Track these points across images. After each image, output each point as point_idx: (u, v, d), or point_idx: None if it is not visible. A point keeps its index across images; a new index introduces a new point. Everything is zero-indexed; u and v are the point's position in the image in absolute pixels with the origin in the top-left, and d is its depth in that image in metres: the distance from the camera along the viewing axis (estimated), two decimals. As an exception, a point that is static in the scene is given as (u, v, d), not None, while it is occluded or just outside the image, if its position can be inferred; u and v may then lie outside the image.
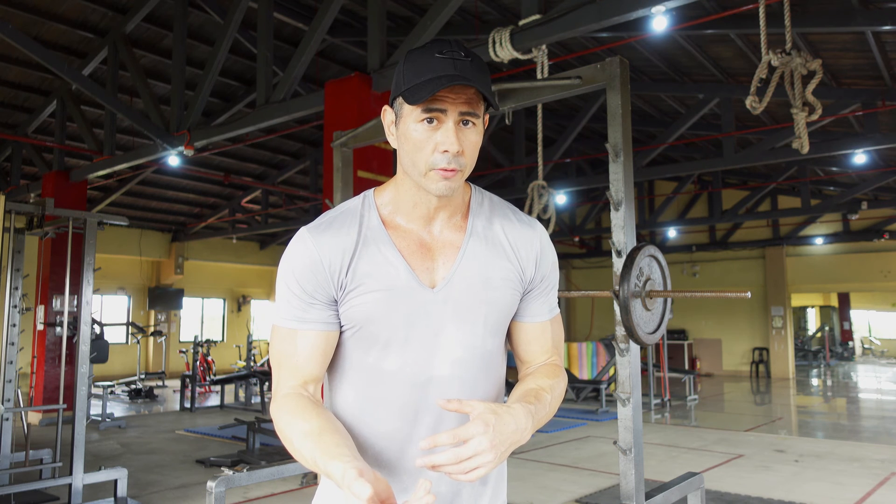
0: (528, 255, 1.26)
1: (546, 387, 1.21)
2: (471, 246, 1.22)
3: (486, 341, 1.22)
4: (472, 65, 1.12)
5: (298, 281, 1.17)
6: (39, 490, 5.00)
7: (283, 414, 1.13)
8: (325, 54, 8.69)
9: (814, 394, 13.36)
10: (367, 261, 1.17)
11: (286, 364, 1.18)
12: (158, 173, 11.86)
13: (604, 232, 15.80)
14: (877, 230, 14.03)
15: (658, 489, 2.68)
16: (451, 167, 1.12)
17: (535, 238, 1.27)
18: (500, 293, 1.22)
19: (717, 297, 2.49)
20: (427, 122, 1.12)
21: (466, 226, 1.24)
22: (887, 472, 6.12)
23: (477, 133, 1.16)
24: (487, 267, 1.22)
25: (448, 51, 1.12)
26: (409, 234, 1.21)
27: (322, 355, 1.19)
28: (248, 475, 2.61)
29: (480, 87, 1.10)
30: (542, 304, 1.29)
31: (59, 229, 5.16)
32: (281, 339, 1.20)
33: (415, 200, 1.21)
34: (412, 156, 1.15)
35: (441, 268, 1.21)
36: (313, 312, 1.17)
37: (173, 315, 16.24)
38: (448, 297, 1.19)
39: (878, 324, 25.62)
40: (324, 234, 1.18)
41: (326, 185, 5.30)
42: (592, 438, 7.86)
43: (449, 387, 1.18)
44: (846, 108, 7.82)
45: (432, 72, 1.10)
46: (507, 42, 4.54)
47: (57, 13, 7.38)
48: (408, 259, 1.19)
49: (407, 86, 1.12)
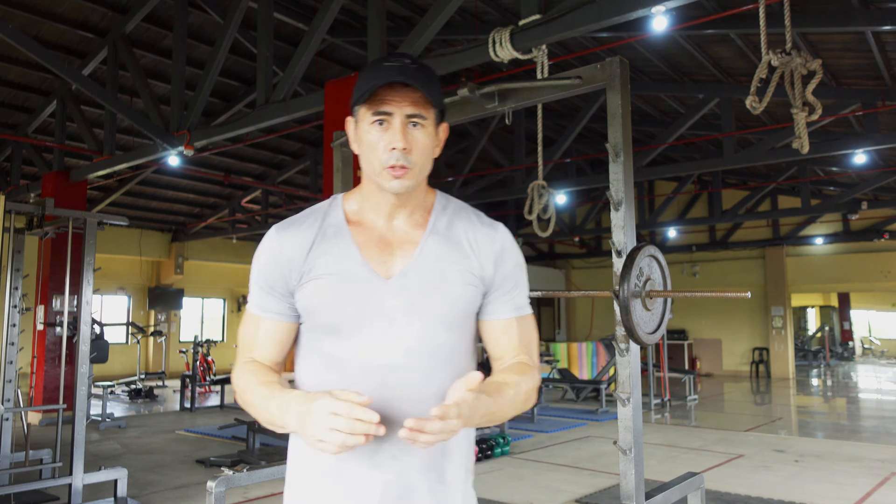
0: (487, 253, 1.30)
1: (511, 382, 1.24)
2: (430, 242, 1.28)
3: (439, 334, 1.25)
4: (417, 70, 1.22)
5: (261, 272, 1.29)
6: (39, 490, 4.99)
7: (242, 374, 1.26)
8: (325, 54, 8.69)
9: (814, 394, 13.36)
10: (323, 251, 1.26)
11: (249, 343, 1.31)
12: (158, 173, 11.85)
13: (604, 232, 15.79)
14: (877, 230, 14.04)
15: (658, 489, 2.68)
16: (399, 163, 1.21)
17: (497, 238, 1.33)
18: (455, 288, 1.26)
19: (717, 297, 2.49)
20: (378, 124, 1.22)
21: (427, 223, 1.31)
22: (887, 472, 6.12)
23: (426, 134, 1.25)
24: (444, 263, 1.27)
25: (396, 59, 1.23)
26: (372, 231, 1.29)
27: (278, 344, 1.29)
28: (248, 475, 2.61)
29: (421, 88, 1.20)
30: (505, 302, 1.33)
31: (59, 229, 5.16)
32: (247, 323, 1.32)
33: (377, 200, 1.29)
34: (368, 156, 1.25)
35: (398, 261, 1.26)
36: (271, 303, 1.28)
37: (173, 315, 16.24)
38: (402, 289, 1.24)
39: (878, 324, 25.63)
40: (287, 230, 1.29)
41: (326, 185, 5.30)
42: (592, 438, 7.86)
43: (405, 375, 1.22)
44: (846, 108, 7.82)
45: (378, 77, 1.21)
46: (507, 42, 4.54)
47: (57, 13, 7.38)
48: (363, 250, 1.26)
49: (358, 92, 1.23)
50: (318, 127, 10.10)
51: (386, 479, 1.20)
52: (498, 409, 1.18)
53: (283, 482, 1.36)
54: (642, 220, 14.45)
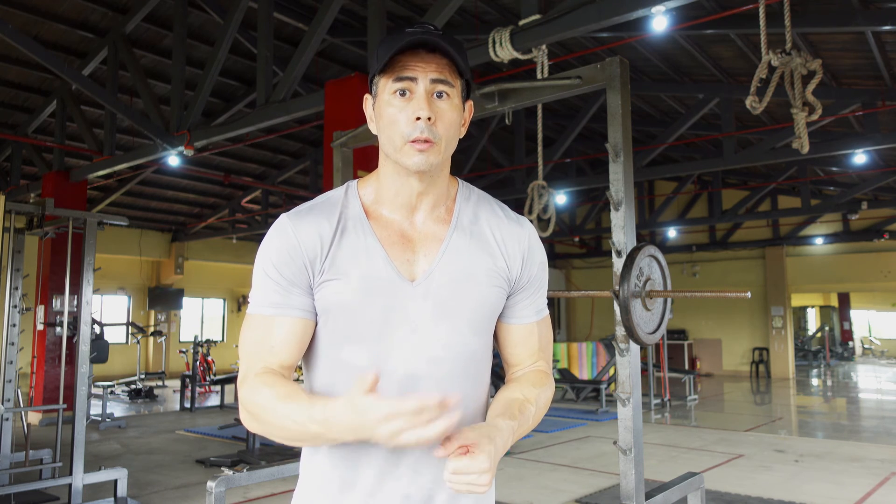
0: (515, 252, 1.21)
1: (531, 398, 1.17)
2: (455, 239, 1.18)
3: (468, 340, 1.16)
4: (442, 36, 1.10)
5: (277, 267, 1.13)
6: (39, 490, 4.99)
7: (259, 388, 1.07)
8: (325, 54, 8.69)
9: (814, 394, 13.36)
10: (346, 248, 1.14)
11: (260, 350, 1.12)
12: (158, 173, 11.85)
13: (604, 232, 15.79)
14: (877, 230, 14.03)
15: (658, 489, 2.68)
16: (423, 137, 1.09)
17: (524, 236, 1.23)
18: (484, 290, 1.17)
19: (717, 297, 2.49)
20: (399, 94, 1.11)
21: (451, 218, 1.20)
22: (887, 472, 6.11)
23: (452, 106, 1.13)
24: (471, 262, 1.17)
25: (419, 25, 1.12)
26: (391, 225, 1.17)
27: (298, 343, 1.14)
28: (248, 475, 2.61)
29: (449, 48, 1.10)
30: (529, 304, 1.24)
31: (59, 229, 5.16)
32: (255, 327, 1.14)
33: (396, 187, 1.17)
34: (388, 132, 1.13)
35: (422, 260, 1.16)
36: (293, 299, 1.13)
37: (173, 315, 16.24)
38: (428, 292, 1.14)
39: (878, 324, 25.62)
40: (303, 221, 1.15)
41: (326, 185, 5.30)
42: (592, 438, 7.86)
43: (427, 384, 1.12)
44: (846, 108, 7.82)
45: (399, 41, 1.09)
46: (507, 42, 4.54)
47: (57, 13, 7.38)
48: (387, 249, 1.15)
49: (378, 60, 1.12)
50: (318, 127, 10.10)
51: (406, 492, 1.13)
52: (522, 431, 1.13)
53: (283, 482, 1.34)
54: (642, 220, 14.45)
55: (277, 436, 1.07)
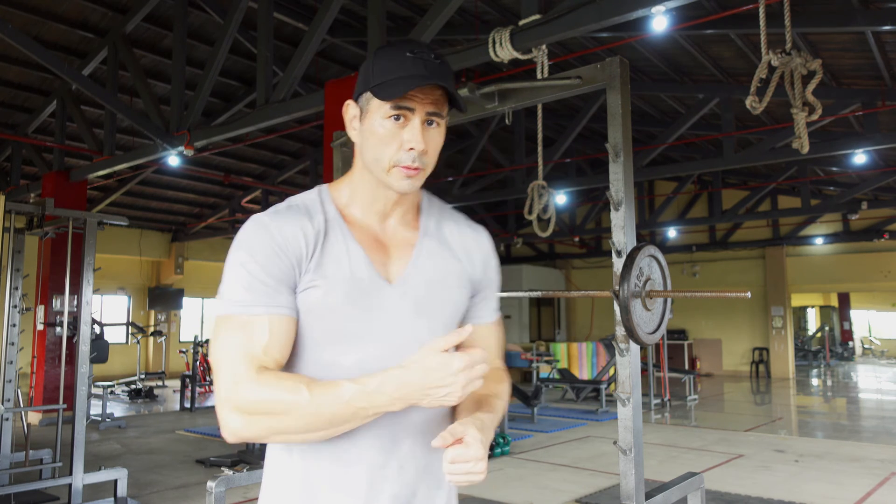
0: (476, 256, 1.30)
1: (498, 392, 1.26)
2: (426, 244, 1.25)
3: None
4: (440, 67, 1.14)
5: (263, 266, 1.10)
6: (39, 490, 5.00)
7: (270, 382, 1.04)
8: (325, 54, 8.69)
9: (814, 394, 13.36)
10: (329, 250, 1.16)
11: (252, 351, 1.08)
12: (158, 173, 11.85)
13: (604, 232, 15.79)
14: (877, 230, 14.04)
15: (658, 489, 2.68)
16: (414, 165, 1.15)
17: (482, 241, 1.32)
18: (454, 292, 1.24)
19: (717, 297, 2.49)
20: (394, 119, 1.14)
21: (419, 225, 1.27)
22: (887, 472, 6.12)
23: (440, 134, 1.19)
24: (441, 265, 1.24)
25: (418, 51, 1.14)
26: (364, 229, 1.22)
27: (289, 342, 1.13)
28: (248, 475, 2.61)
29: (451, 90, 1.15)
30: (486, 305, 1.33)
31: (59, 229, 5.16)
32: (232, 331, 1.09)
33: (373, 196, 1.21)
34: (376, 151, 1.16)
35: (396, 263, 1.21)
36: (281, 298, 1.11)
37: (173, 315, 16.24)
38: (406, 293, 1.19)
39: (878, 324, 25.63)
40: (285, 220, 1.15)
41: (326, 185, 5.29)
42: (592, 438, 7.86)
43: None
44: (846, 108, 7.82)
45: (404, 70, 1.12)
46: (507, 42, 4.54)
47: (57, 13, 7.38)
48: (367, 251, 1.19)
49: (377, 82, 1.14)
50: (318, 127, 10.10)
51: (394, 491, 1.16)
52: (496, 423, 1.20)
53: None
54: (642, 220, 14.45)
55: (296, 427, 1.05)
